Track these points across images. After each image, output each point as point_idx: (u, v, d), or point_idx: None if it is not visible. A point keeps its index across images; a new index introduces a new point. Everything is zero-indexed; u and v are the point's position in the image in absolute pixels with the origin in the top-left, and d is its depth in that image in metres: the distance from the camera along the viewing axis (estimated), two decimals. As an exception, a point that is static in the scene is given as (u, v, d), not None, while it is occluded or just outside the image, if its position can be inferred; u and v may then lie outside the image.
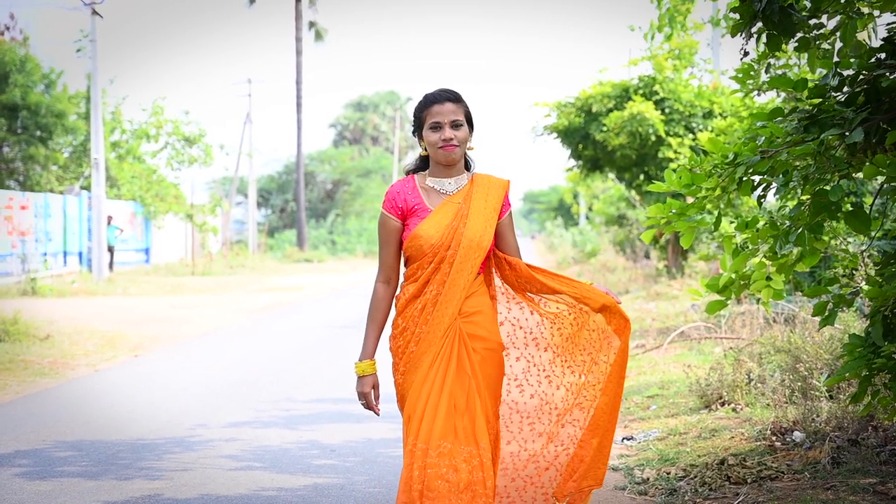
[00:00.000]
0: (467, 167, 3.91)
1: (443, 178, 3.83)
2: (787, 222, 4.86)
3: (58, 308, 16.69)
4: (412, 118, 3.91)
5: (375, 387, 3.82)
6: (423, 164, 3.94)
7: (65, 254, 26.80)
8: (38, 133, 28.03)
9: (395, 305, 3.85)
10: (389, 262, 3.85)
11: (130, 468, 5.94)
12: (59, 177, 29.30)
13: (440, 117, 3.75)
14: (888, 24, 4.52)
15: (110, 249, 27.28)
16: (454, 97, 3.81)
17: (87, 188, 28.87)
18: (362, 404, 3.80)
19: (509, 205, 3.92)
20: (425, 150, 3.84)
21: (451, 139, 3.74)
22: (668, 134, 18.24)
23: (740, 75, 5.14)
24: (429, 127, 3.77)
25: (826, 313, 4.85)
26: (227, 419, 7.52)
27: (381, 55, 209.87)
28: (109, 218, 27.41)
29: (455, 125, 3.76)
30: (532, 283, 3.96)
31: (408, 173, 3.96)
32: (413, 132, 3.94)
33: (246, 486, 5.53)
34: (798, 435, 5.82)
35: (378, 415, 3.86)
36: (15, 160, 28.34)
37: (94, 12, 24.49)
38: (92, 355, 11.21)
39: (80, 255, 27.54)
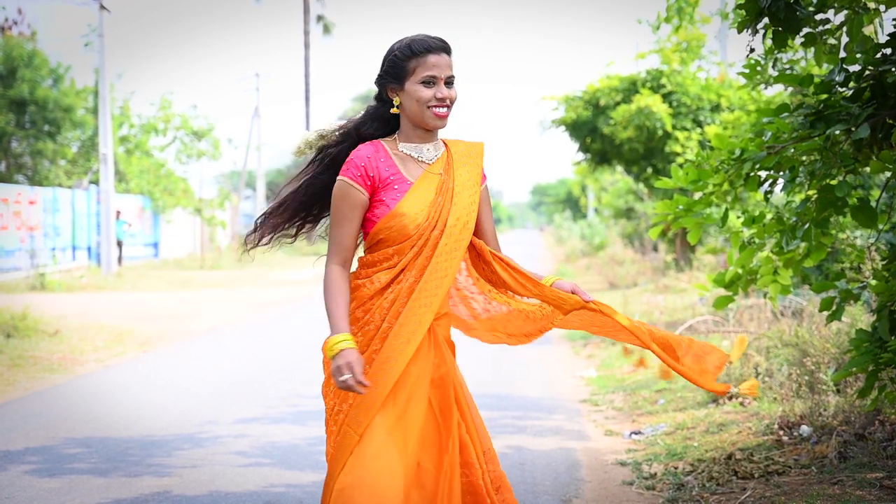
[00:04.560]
0: None
1: (421, 144, 3.18)
2: (794, 217, 4.86)
3: (66, 303, 16.74)
4: (386, 64, 3.17)
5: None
6: (382, 126, 3.25)
7: (73, 248, 26.85)
8: (46, 128, 28.06)
9: (354, 296, 3.16)
10: (347, 242, 3.14)
11: (139, 465, 5.96)
12: (68, 171, 29.34)
13: (437, 70, 3.10)
14: (895, 20, 4.52)
15: (119, 244, 27.36)
16: (449, 49, 3.17)
17: (96, 183, 28.93)
18: (345, 381, 2.95)
19: (485, 175, 3.28)
20: (398, 106, 3.16)
21: (447, 100, 3.12)
22: (674, 128, 18.22)
23: (747, 71, 5.14)
24: (420, 80, 3.09)
25: (833, 308, 4.86)
26: (235, 415, 7.54)
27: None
28: (118, 212, 27.49)
29: (449, 82, 3.14)
30: (495, 279, 3.31)
31: (366, 137, 3.23)
32: (383, 82, 3.18)
33: (255, 483, 5.55)
34: (805, 429, 5.82)
35: (366, 386, 2.98)
36: (23, 155, 28.39)
37: (102, 7, 24.52)
38: (101, 351, 11.25)
39: (89, 249, 27.60)
